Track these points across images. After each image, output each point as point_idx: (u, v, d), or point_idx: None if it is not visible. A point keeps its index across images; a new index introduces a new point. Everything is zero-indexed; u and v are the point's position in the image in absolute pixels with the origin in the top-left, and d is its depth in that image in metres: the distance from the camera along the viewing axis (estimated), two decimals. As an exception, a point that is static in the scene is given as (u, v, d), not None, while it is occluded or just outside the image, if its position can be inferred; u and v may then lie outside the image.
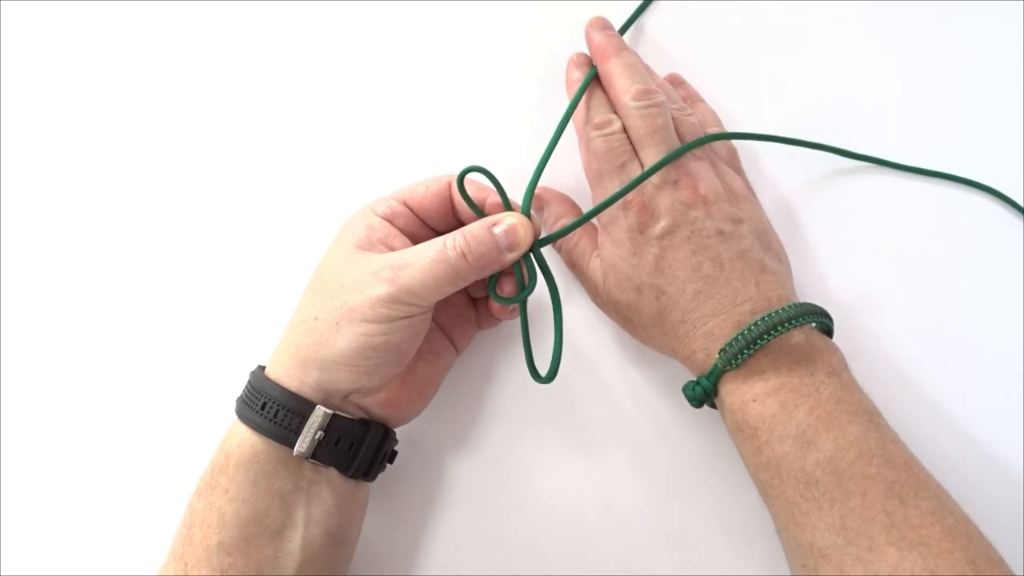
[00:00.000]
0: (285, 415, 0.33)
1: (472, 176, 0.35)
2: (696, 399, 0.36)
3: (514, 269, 0.35)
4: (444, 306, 0.39)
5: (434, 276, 0.33)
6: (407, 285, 0.33)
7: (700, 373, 0.37)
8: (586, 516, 0.40)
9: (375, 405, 0.35)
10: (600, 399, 0.42)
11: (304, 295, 0.36)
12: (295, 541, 0.33)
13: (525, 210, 0.36)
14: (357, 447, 0.35)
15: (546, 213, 0.42)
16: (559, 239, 0.41)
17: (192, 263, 0.44)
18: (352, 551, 0.37)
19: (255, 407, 0.34)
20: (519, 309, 0.36)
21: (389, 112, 0.46)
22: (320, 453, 0.34)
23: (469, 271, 0.34)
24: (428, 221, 0.38)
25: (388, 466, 0.38)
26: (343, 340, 0.33)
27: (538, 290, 0.36)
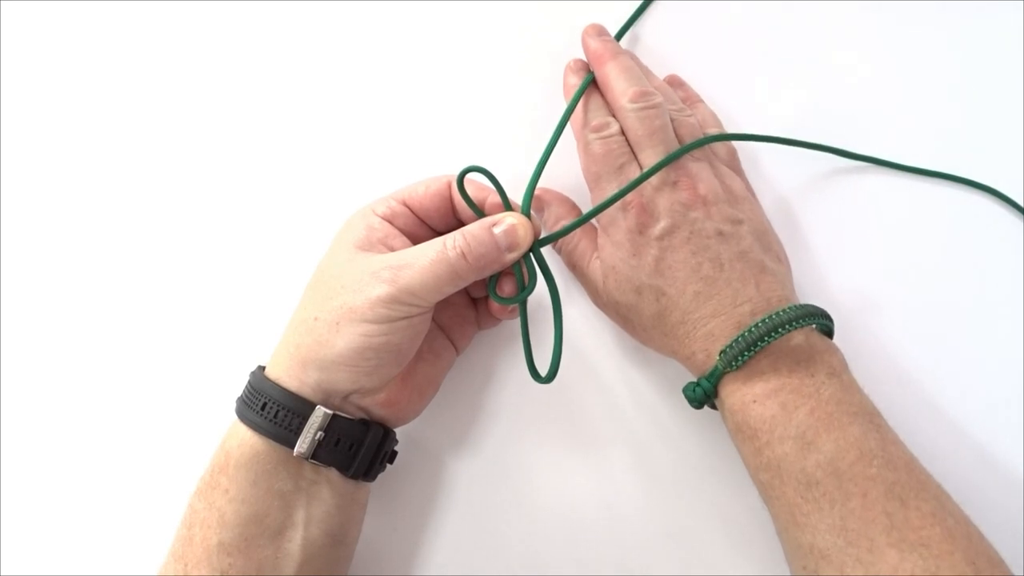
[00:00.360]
0: (285, 415, 0.33)
1: (472, 176, 0.35)
2: (696, 400, 0.36)
3: (514, 269, 0.35)
4: (444, 306, 0.39)
5: (434, 276, 0.33)
6: (407, 285, 0.33)
7: (700, 374, 0.37)
8: (586, 516, 0.40)
9: (375, 405, 0.35)
10: (600, 399, 0.42)
11: (304, 295, 0.36)
12: (295, 541, 0.33)
13: (525, 210, 0.36)
14: (357, 447, 0.35)
15: (546, 214, 0.42)
16: (559, 239, 0.41)
17: (192, 264, 0.44)
18: (352, 551, 0.37)
19: (255, 407, 0.34)
20: (519, 309, 0.36)
21: (389, 112, 0.46)
22: (320, 453, 0.34)
23: (469, 271, 0.34)
24: (428, 221, 0.38)
25: (388, 466, 0.38)
26: (343, 340, 0.33)
27: (539, 290, 0.36)
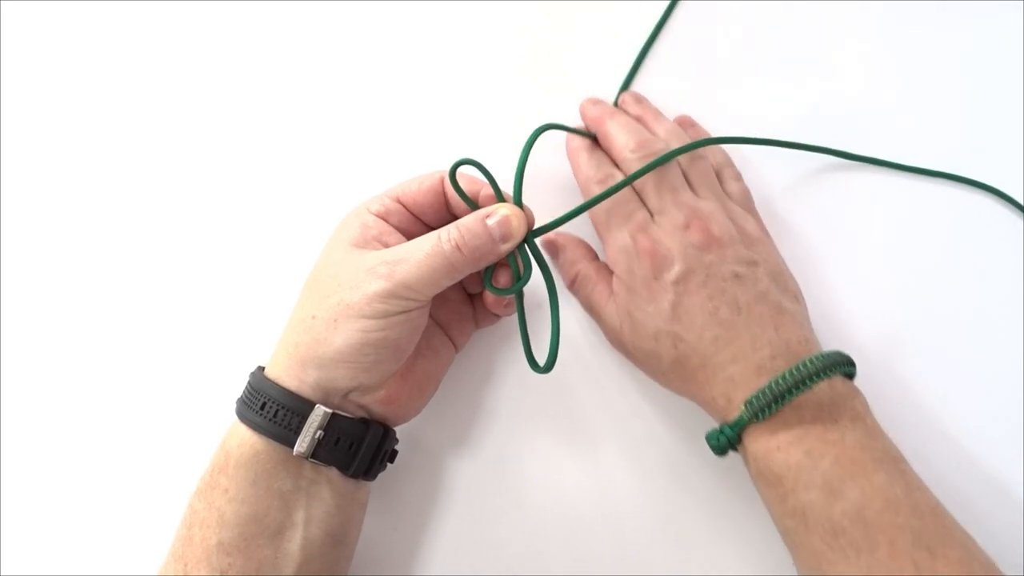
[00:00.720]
0: (285, 415, 0.33)
1: (464, 170, 0.35)
2: (720, 448, 0.36)
3: (509, 260, 0.35)
4: (441, 303, 0.39)
5: (430, 269, 0.33)
6: (403, 279, 0.33)
7: (721, 418, 0.36)
8: (586, 515, 0.40)
9: (375, 403, 0.35)
10: (600, 397, 0.42)
11: (301, 295, 0.36)
12: (295, 541, 0.33)
13: (517, 201, 0.36)
14: (357, 446, 0.35)
15: (561, 258, 0.42)
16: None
17: (188, 266, 0.44)
18: (352, 551, 0.37)
19: (255, 407, 0.34)
20: (516, 301, 0.36)
21: (388, 112, 0.46)
22: (320, 452, 0.34)
23: (464, 263, 0.34)
24: (422, 217, 0.38)
25: (388, 465, 0.38)
26: (341, 337, 0.33)
27: (536, 290, 0.36)
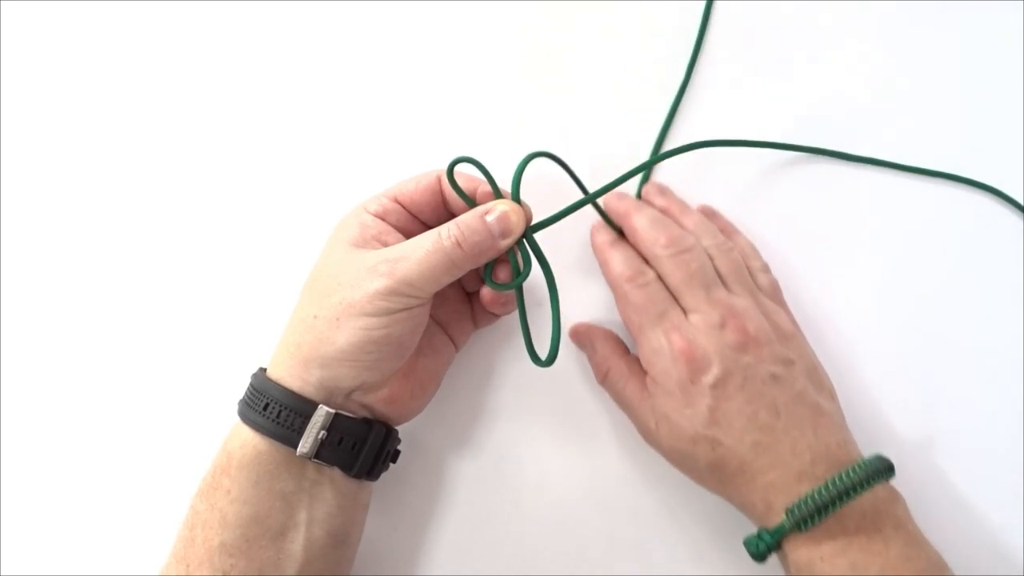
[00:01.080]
0: (288, 415, 0.33)
1: (461, 169, 0.35)
2: (760, 555, 0.35)
3: (508, 256, 0.36)
4: (441, 302, 0.39)
5: (431, 266, 0.33)
6: (404, 277, 0.33)
7: (760, 522, 0.36)
8: (587, 515, 0.40)
9: (378, 402, 0.35)
10: (601, 397, 0.42)
11: (301, 295, 0.36)
12: (297, 542, 0.33)
13: (515, 197, 0.36)
14: (360, 446, 0.35)
15: (591, 352, 0.41)
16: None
17: (188, 267, 0.44)
18: (354, 552, 0.37)
19: (257, 408, 0.34)
20: (515, 296, 0.36)
21: (388, 112, 0.46)
22: (323, 453, 0.34)
23: (465, 259, 0.34)
24: (420, 216, 0.38)
25: (391, 465, 0.38)
26: (343, 336, 0.33)
27: (536, 287, 0.36)
